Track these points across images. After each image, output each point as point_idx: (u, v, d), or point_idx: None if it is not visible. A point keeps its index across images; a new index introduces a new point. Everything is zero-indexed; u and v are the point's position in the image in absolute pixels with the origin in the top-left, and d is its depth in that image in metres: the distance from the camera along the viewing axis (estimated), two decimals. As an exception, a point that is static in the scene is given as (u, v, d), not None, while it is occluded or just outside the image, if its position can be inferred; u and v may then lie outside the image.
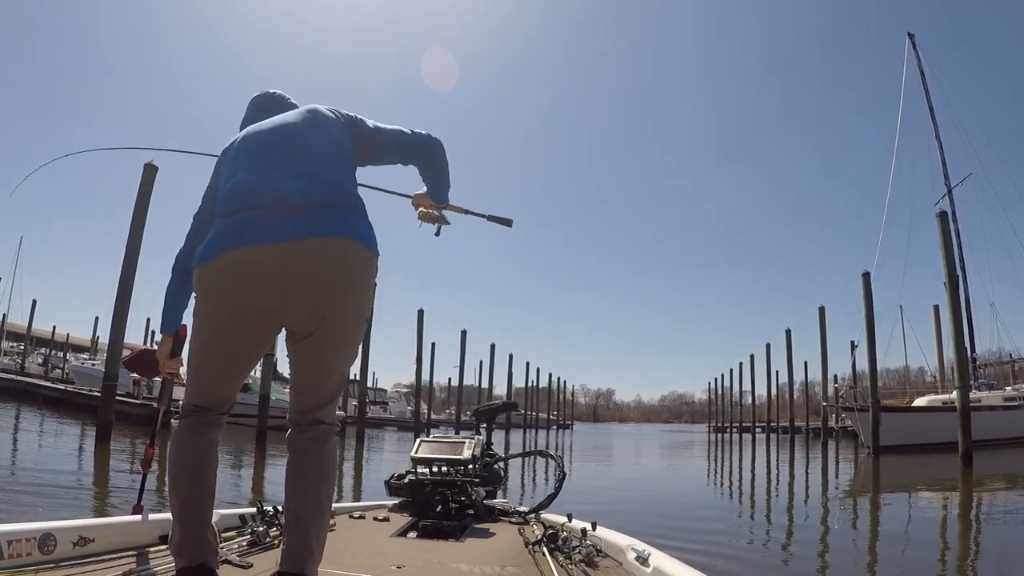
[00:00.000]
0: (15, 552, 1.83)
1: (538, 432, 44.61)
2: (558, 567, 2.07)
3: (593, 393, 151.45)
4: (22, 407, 20.81)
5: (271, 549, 2.16)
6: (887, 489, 12.33)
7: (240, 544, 2.18)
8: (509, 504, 3.17)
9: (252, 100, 2.05)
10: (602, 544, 2.34)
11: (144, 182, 13.89)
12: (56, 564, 1.87)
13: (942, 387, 28.67)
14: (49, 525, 1.94)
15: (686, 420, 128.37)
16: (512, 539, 2.56)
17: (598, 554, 2.24)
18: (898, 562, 5.53)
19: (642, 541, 2.19)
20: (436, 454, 3.12)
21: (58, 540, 1.93)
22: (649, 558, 2.00)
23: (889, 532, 7.21)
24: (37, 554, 1.87)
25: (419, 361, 29.54)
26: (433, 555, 2.22)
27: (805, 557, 5.67)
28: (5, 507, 5.83)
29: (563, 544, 2.28)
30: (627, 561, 2.13)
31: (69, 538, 1.96)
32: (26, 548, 1.86)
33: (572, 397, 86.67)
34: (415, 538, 2.65)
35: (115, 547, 2.05)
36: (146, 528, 2.18)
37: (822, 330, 30.31)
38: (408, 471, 3.19)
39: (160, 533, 2.16)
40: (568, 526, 2.63)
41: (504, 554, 2.27)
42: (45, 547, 1.90)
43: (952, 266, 17.06)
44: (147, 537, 2.16)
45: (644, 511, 7.98)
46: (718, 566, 4.85)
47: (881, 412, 21.57)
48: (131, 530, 2.15)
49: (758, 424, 50.39)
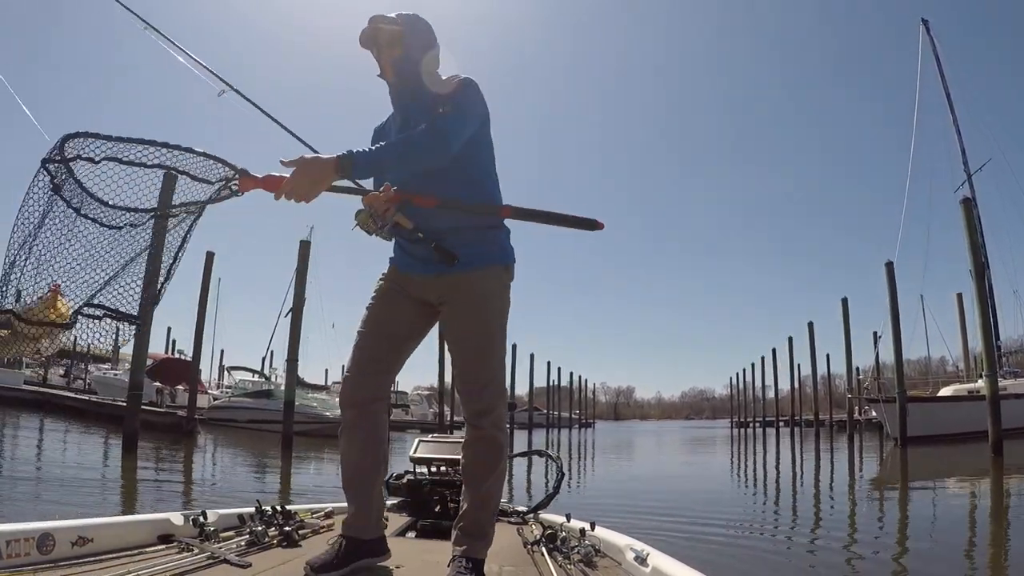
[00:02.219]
0: (13, 552, 1.83)
1: (560, 431, 44.45)
2: (556, 567, 2.07)
3: (613, 391, 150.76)
4: (47, 418, 21.15)
5: (270, 549, 2.15)
6: (918, 480, 12.11)
7: (239, 544, 2.16)
8: (508, 504, 3.16)
9: None
10: (601, 544, 2.34)
11: (164, 189, 13.97)
12: (55, 564, 1.86)
13: (967, 376, 28.22)
14: (48, 525, 1.94)
15: (707, 416, 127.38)
16: (510, 539, 2.55)
17: (596, 554, 2.24)
18: (940, 555, 5.38)
19: (641, 541, 2.19)
20: (435, 454, 3.13)
21: (57, 540, 1.92)
22: (648, 558, 2.00)
23: (926, 524, 7.07)
24: (36, 554, 1.86)
25: (441, 363, 29.56)
26: (432, 555, 2.21)
27: (834, 550, 5.56)
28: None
29: (562, 544, 2.28)
30: (626, 561, 2.13)
31: (68, 538, 1.95)
32: (24, 548, 1.85)
33: (593, 396, 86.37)
34: (413, 538, 2.66)
35: (114, 547, 2.04)
36: (145, 528, 2.17)
37: (846, 321, 29.92)
38: (407, 471, 3.19)
39: (159, 533, 2.16)
40: (567, 526, 2.63)
41: (502, 554, 2.26)
42: (44, 547, 1.89)
43: (978, 253, 16.75)
44: (146, 537, 2.15)
45: (671, 509, 7.86)
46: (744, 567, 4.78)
47: (908, 403, 21.26)
48: (130, 530, 2.14)
49: (781, 418, 50.00)
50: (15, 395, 26.05)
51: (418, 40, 2.00)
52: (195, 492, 8.43)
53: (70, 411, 22.63)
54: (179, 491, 8.44)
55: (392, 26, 1.97)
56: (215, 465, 12.93)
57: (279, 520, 2.41)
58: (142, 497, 7.76)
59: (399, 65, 1.99)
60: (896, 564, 5.04)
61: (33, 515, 4.92)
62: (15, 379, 29.31)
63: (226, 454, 15.03)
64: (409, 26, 1.99)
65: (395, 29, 1.97)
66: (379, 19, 1.97)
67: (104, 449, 13.83)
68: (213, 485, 9.47)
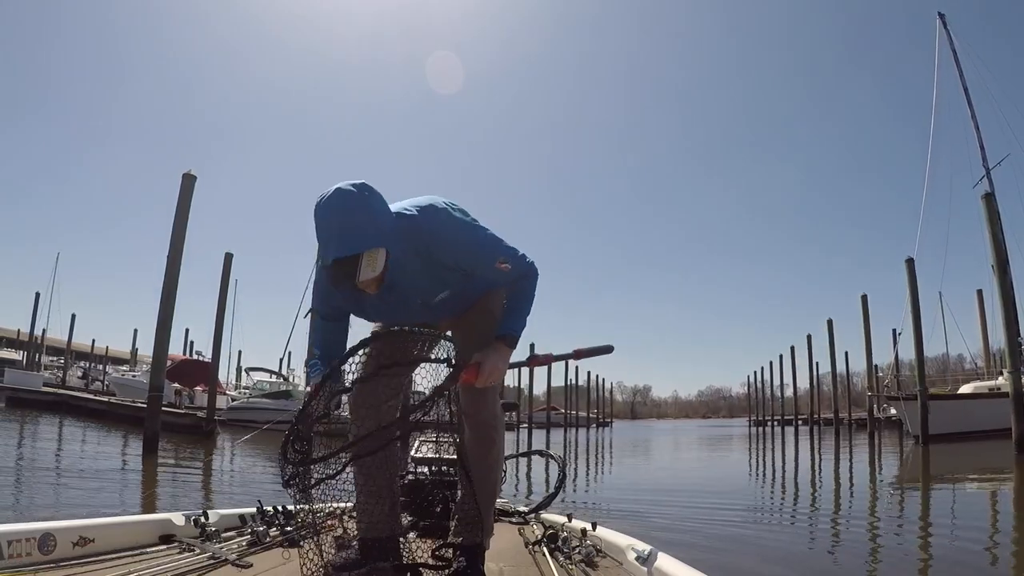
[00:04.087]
0: (15, 552, 1.84)
1: (578, 431, 44.34)
2: (558, 567, 2.07)
3: (630, 390, 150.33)
4: (66, 419, 21.44)
5: (271, 549, 2.15)
6: (940, 478, 11.94)
7: (240, 544, 2.16)
8: (509, 504, 3.16)
9: None
10: (602, 544, 2.33)
11: (183, 191, 14.11)
12: (56, 564, 1.87)
13: (987, 373, 27.81)
14: (49, 525, 1.95)
15: (724, 415, 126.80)
16: (512, 539, 2.56)
17: (598, 554, 2.24)
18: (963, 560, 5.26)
19: (643, 541, 2.17)
20: (435, 454, 3.11)
21: (58, 540, 1.93)
22: (649, 558, 1.99)
23: (949, 524, 6.93)
24: (37, 554, 1.88)
25: (459, 363, 29.59)
26: None
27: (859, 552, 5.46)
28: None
29: (563, 544, 2.28)
30: (627, 561, 2.12)
31: (69, 538, 1.97)
32: (26, 548, 1.87)
33: (610, 395, 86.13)
34: (414, 538, 2.61)
35: (115, 547, 2.05)
36: (147, 528, 2.18)
37: (865, 319, 29.58)
38: (408, 471, 3.18)
39: (160, 533, 2.16)
40: (568, 526, 2.63)
41: (504, 554, 2.26)
42: (45, 547, 1.90)
43: (1000, 247, 16.45)
44: (148, 537, 2.15)
45: (693, 506, 7.81)
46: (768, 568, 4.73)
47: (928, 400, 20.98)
48: (131, 530, 2.15)
49: (799, 416, 49.62)
50: (35, 397, 26.49)
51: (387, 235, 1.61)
52: (214, 492, 8.50)
53: (90, 413, 22.94)
54: (198, 491, 8.53)
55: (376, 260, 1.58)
56: (231, 466, 13.02)
57: (280, 520, 2.41)
58: (163, 497, 7.85)
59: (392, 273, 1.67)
60: (920, 563, 4.97)
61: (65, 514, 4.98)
62: (34, 381, 29.78)
63: (245, 454, 15.12)
64: (376, 230, 1.58)
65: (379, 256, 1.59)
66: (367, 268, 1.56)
67: (124, 450, 14.00)
68: (231, 484, 9.54)
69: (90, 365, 49.14)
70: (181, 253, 13.87)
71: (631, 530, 2.56)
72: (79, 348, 50.14)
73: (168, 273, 13.77)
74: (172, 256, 13.82)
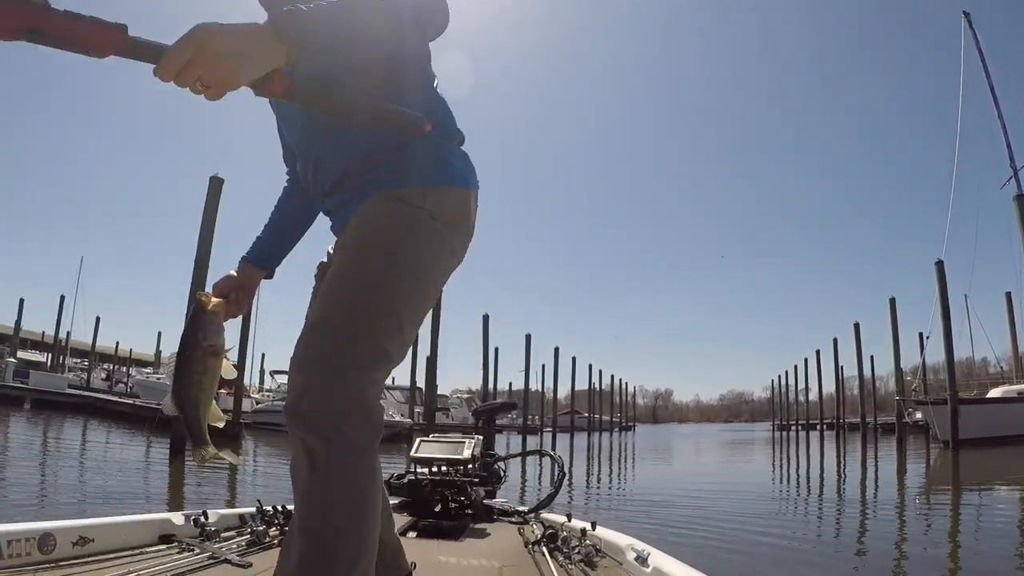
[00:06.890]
0: (15, 552, 1.83)
1: (601, 435, 44.08)
2: (557, 567, 2.06)
3: (651, 394, 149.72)
4: (90, 421, 21.78)
5: (270, 549, 2.13)
6: (970, 484, 11.64)
7: (239, 544, 2.16)
8: (509, 504, 3.15)
9: None
10: (601, 544, 2.31)
11: (211, 195, 14.23)
12: (56, 564, 1.86)
13: (1016, 376, 27.21)
14: (49, 525, 1.94)
15: (746, 419, 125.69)
16: (511, 539, 2.56)
17: (597, 554, 2.22)
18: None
19: (642, 541, 2.15)
20: (436, 454, 3.12)
21: (58, 540, 1.92)
22: (649, 558, 1.97)
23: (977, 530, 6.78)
24: (37, 554, 1.87)
25: (485, 367, 29.57)
26: (432, 555, 2.21)
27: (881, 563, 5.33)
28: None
29: (562, 544, 2.26)
30: (627, 561, 2.10)
31: (69, 538, 1.96)
32: (26, 548, 1.86)
33: (633, 399, 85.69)
34: (414, 538, 2.64)
35: (115, 547, 2.04)
36: (146, 528, 2.18)
37: (893, 322, 29.11)
38: (408, 471, 3.18)
39: (160, 533, 2.15)
40: (568, 526, 2.61)
41: (503, 554, 2.26)
42: (45, 547, 1.90)
43: (1032, 248, 16.13)
44: (147, 537, 2.15)
45: (721, 513, 7.69)
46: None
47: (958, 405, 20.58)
48: (131, 530, 2.14)
49: (824, 421, 49.00)
50: (60, 399, 26.92)
51: None
52: (238, 493, 8.59)
53: (114, 415, 23.28)
54: (223, 492, 8.65)
55: None
56: (256, 467, 13.12)
57: (280, 520, 2.41)
58: (190, 498, 7.98)
59: None
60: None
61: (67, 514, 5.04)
62: (59, 383, 30.28)
63: (271, 457, 15.21)
64: None
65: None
66: None
67: (147, 452, 14.17)
68: (255, 486, 9.65)
69: (113, 367, 49.87)
70: (209, 256, 13.96)
71: (634, 532, 2.52)
72: (103, 350, 50.86)
73: (195, 276, 13.86)
74: (199, 259, 13.92)
